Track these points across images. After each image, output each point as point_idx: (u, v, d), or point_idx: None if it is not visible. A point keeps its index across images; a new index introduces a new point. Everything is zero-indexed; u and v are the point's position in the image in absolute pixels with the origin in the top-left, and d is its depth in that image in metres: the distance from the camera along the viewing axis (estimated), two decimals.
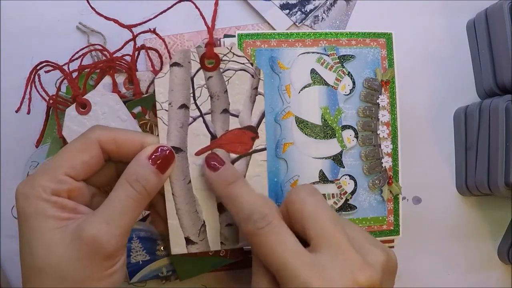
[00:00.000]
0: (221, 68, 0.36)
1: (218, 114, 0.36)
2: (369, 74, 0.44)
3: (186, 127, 0.35)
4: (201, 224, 0.36)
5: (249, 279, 0.48)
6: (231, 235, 0.36)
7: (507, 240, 0.50)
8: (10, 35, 0.46)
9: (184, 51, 0.35)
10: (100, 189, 0.35)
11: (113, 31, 0.44)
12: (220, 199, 0.35)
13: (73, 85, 0.41)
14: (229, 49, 0.36)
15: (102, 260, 0.30)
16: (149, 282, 0.46)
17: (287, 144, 0.43)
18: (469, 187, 0.49)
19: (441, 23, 0.51)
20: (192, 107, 0.35)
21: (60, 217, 0.30)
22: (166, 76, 0.35)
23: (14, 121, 0.46)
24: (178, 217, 0.36)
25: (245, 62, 0.36)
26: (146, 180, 0.32)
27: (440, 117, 0.51)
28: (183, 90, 0.35)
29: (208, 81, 0.35)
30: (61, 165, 0.32)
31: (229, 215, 0.36)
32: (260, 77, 0.36)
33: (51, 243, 0.30)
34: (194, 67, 0.35)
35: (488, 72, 0.48)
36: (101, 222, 0.30)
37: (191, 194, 0.36)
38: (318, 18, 0.49)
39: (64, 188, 0.31)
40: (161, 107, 0.35)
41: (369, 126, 0.43)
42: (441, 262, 0.50)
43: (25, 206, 0.31)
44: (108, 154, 0.33)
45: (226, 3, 0.48)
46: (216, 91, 0.36)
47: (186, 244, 0.36)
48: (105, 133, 0.33)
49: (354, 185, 0.44)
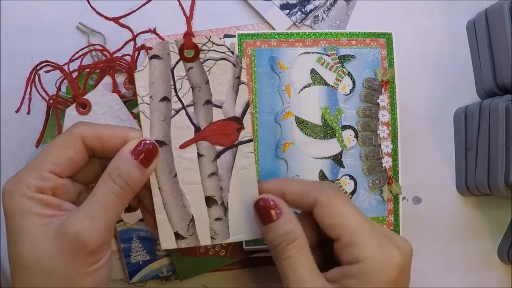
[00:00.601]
0: (201, 59, 0.35)
1: (200, 105, 0.35)
2: (369, 74, 0.44)
3: (169, 120, 0.35)
4: (190, 218, 0.35)
5: (249, 279, 0.48)
6: (221, 229, 0.36)
7: (507, 240, 0.50)
8: (10, 35, 0.46)
9: (163, 43, 0.34)
10: (88, 186, 0.35)
11: (113, 31, 0.44)
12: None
13: (73, 85, 0.41)
14: (207, 38, 0.34)
15: (86, 256, 0.30)
16: (149, 282, 0.46)
17: (287, 144, 0.43)
18: (469, 187, 0.49)
19: (441, 23, 0.51)
20: (174, 100, 0.34)
21: (44, 214, 0.31)
22: (145, 69, 0.34)
23: (14, 121, 0.46)
24: (166, 212, 0.35)
25: (225, 51, 0.35)
26: (129, 175, 0.32)
27: (440, 117, 0.51)
28: (163, 83, 0.34)
29: (188, 72, 0.35)
30: (45, 162, 0.32)
31: (218, 209, 0.36)
32: (242, 65, 0.35)
33: (36, 239, 0.30)
34: (174, 59, 0.34)
35: (488, 72, 0.48)
36: (84, 217, 0.30)
37: (177, 188, 0.35)
38: (318, 18, 0.49)
39: (48, 185, 0.31)
40: (143, 101, 0.34)
41: (369, 126, 0.43)
42: (441, 262, 0.50)
43: (10, 204, 0.31)
44: (92, 150, 0.33)
45: (226, 3, 0.48)
46: (197, 82, 0.35)
47: (175, 239, 0.36)
48: (89, 129, 0.33)
49: (354, 185, 0.44)
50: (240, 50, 0.43)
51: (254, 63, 0.43)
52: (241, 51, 0.43)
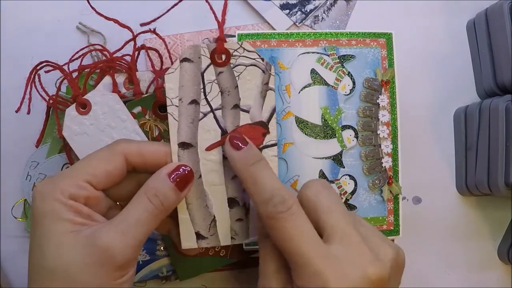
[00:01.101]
0: (231, 64, 0.35)
1: (228, 109, 0.36)
2: (369, 74, 0.44)
3: (196, 123, 0.35)
4: (212, 219, 0.36)
5: (249, 279, 0.48)
6: (241, 230, 0.36)
7: (507, 240, 0.50)
8: (10, 35, 0.46)
9: (195, 46, 0.35)
10: (117, 203, 0.36)
11: (113, 31, 0.44)
12: (241, 180, 0.34)
13: (73, 85, 0.41)
14: (239, 44, 0.36)
15: (113, 270, 0.30)
16: (149, 282, 0.46)
17: (287, 144, 0.43)
18: (469, 187, 0.49)
19: (441, 23, 0.51)
20: (203, 103, 0.35)
21: (74, 221, 0.31)
22: (176, 72, 0.35)
23: (14, 121, 0.46)
24: (189, 212, 0.36)
25: (255, 57, 0.36)
26: (165, 196, 0.32)
27: (440, 117, 0.51)
28: (193, 86, 0.35)
29: (218, 77, 0.35)
30: (83, 172, 0.32)
31: (239, 210, 0.36)
32: (271, 72, 0.36)
33: (63, 245, 0.30)
34: (205, 63, 0.35)
35: (488, 72, 0.48)
36: (116, 231, 0.31)
37: (201, 189, 0.36)
38: (318, 18, 0.49)
39: (83, 194, 0.32)
40: (171, 103, 0.35)
41: (369, 126, 0.43)
42: (441, 262, 0.50)
43: (41, 206, 0.31)
44: (133, 166, 0.34)
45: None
46: (226, 87, 0.36)
47: (196, 239, 0.36)
48: (130, 146, 0.34)
49: (354, 185, 0.44)
50: None
51: None
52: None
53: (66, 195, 0.31)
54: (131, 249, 0.31)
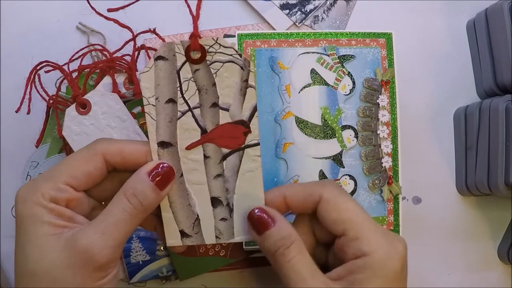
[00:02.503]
0: (207, 60, 0.34)
1: (207, 108, 0.35)
2: (369, 74, 0.44)
3: (175, 122, 0.34)
4: (195, 217, 0.35)
5: (249, 279, 0.48)
6: (226, 229, 0.36)
7: (507, 240, 0.50)
8: (10, 35, 0.46)
9: (168, 44, 0.34)
10: (102, 203, 0.36)
11: (113, 31, 0.45)
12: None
13: (73, 85, 0.41)
14: (215, 40, 0.34)
15: (93, 271, 0.30)
16: (149, 282, 0.46)
17: (287, 144, 0.43)
18: (469, 187, 0.49)
19: (441, 23, 0.51)
20: (180, 101, 0.34)
21: (55, 223, 0.31)
22: (151, 71, 0.34)
23: (14, 121, 0.46)
24: (172, 210, 0.35)
25: (232, 53, 0.34)
26: (144, 195, 0.32)
27: (440, 117, 0.51)
28: (169, 84, 0.34)
29: (195, 74, 0.34)
30: (63, 174, 0.32)
31: (223, 209, 0.36)
32: (250, 68, 0.34)
33: (44, 248, 0.30)
34: (180, 60, 0.34)
35: (488, 72, 0.48)
36: (95, 232, 0.30)
37: (183, 188, 0.35)
38: (318, 18, 0.49)
39: (63, 197, 0.31)
40: (148, 102, 0.34)
41: (369, 126, 0.43)
42: (441, 262, 0.50)
43: (23, 210, 0.31)
44: (113, 166, 0.34)
45: (226, 3, 0.48)
46: (203, 85, 0.34)
47: (181, 236, 0.36)
48: (110, 146, 0.33)
49: (354, 185, 0.44)
50: (240, 50, 0.43)
51: (254, 63, 0.43)
52: (241, 51, 0.43)
53: (47, 198, 0.31)
54: (111, 250, 0.31)
